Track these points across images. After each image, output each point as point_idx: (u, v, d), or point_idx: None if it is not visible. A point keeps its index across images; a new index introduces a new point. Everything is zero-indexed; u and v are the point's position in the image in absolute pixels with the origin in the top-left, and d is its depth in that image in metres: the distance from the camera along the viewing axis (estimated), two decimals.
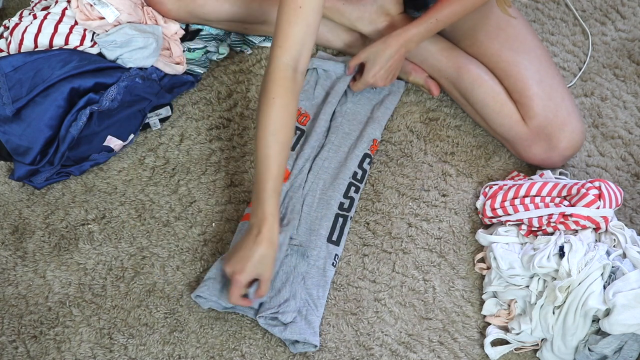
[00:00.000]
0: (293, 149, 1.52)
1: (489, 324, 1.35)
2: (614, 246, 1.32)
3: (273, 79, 1.28)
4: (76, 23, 1.48)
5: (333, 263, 1.40)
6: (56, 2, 1.52)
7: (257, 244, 1.25)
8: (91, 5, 1.45)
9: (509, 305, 1.34)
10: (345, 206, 1.46)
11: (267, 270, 1.26)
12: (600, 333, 1.25)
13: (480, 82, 1.48)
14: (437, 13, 1.44)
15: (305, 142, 1.53)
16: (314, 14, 1.28)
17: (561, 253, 1.28)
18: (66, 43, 1.47)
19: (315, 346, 1.31)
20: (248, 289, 1.28)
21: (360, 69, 1.56)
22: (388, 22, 1.59)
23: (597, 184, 1.34)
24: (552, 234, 1.35)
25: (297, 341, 1.31)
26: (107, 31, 1.47)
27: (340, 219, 1.44)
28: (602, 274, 1.26)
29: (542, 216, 1.35)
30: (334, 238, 1.42)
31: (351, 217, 1.46)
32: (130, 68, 1.48)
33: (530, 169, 1.53)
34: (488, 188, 1.47)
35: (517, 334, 1.32)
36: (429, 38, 1.49)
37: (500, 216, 1.41)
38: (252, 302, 1.30)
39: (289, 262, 1.37)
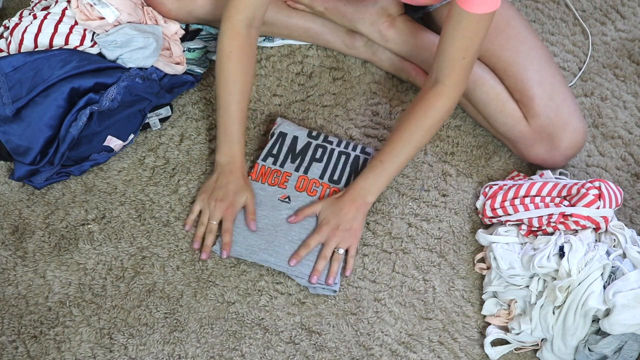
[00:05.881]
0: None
1: (489, 324, 1.36)
2: (614, 246, 1.32)
3: (229, 35, 1.39)
4: (76, 23, 1.48)
5: None
6: (56, 2, 1.52)
7: (232, 174, 1.41)
8: (91, 5, 1.45)
9: (509, 305, 1.34)
10: None
11: (249, 196, 1.41)
12: (600, 333, 1.25)
13: (482, 81, 1.48)
14: (380, 155, 1.39)
15: None
16: None
17: (561, 253, 1.28)
18: (66, 43, 1.47)
19: (335, 291, 1.37)
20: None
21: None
22: (389, 23, 1.59)
23: (597, 184, 1.34)
24: (552, 234, 1.35)
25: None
26: (107, 31, 1.47)
27: None
28: (602, 274, 1.26)
29: (542, 216, 1.35)
30: None
31: None
32: (130, 68, 1.48)
33: (531, 168, 1.53)
34: (488, 188, 1.47)
35: (517, 334, 1.32)
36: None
37: (500, 216, 1.41)
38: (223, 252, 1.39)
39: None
